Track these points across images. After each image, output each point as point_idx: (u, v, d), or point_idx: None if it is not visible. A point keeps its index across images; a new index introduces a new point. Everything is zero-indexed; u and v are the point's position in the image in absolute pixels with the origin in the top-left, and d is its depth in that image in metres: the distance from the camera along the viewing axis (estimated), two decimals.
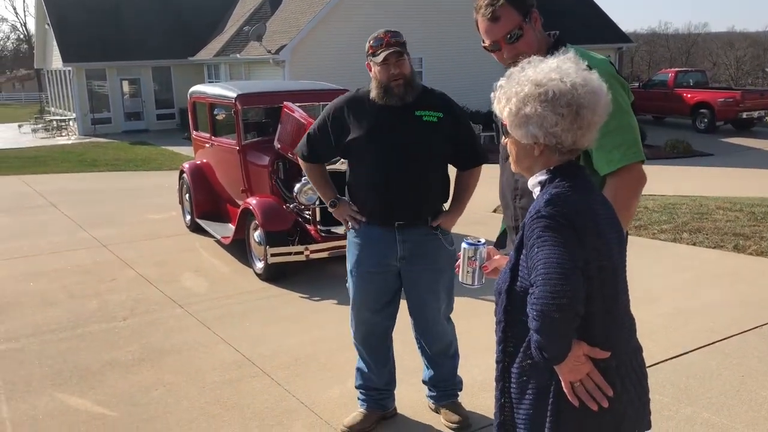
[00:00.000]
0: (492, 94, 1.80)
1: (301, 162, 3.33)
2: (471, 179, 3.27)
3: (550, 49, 2.14)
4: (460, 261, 2.10)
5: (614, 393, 1.71)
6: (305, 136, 3.25)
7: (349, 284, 3.23)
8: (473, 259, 2.06)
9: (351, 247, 3.20)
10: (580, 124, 1.69)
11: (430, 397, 3.43)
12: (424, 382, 3.43)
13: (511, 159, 1.87)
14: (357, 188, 3.16)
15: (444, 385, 3.37)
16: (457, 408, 3.35)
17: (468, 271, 2.08)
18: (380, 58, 2.89)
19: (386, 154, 3.00)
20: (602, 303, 1.71)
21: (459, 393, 3.42)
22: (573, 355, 1.65)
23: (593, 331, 1.70)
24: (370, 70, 3.00)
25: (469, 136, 3.20)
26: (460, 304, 4.73)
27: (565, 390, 1.70)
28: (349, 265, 3.21)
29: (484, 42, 2.25)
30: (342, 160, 3.60)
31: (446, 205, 3.26)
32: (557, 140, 1.71)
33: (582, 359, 1.68)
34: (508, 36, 2.18)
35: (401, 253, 3.09)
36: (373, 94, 3.02)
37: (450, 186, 3.27)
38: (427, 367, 3.38)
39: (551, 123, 1.69)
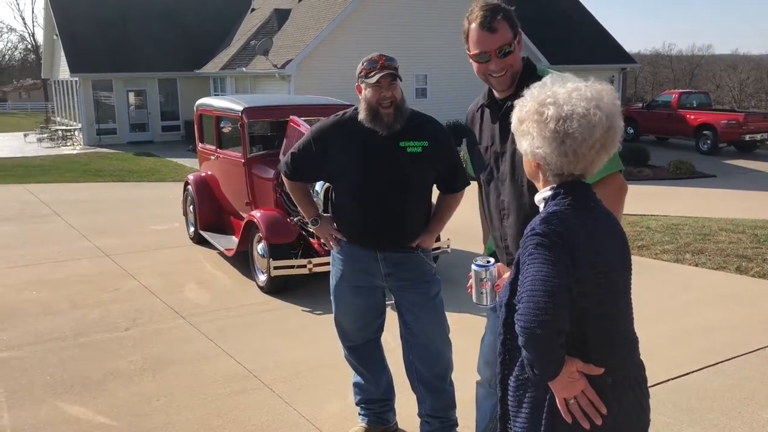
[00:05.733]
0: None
1: (284, 179, 3.28)
2: (453, 201, 3.21)
3: (524, 70, 2.30)
4: (472, 282, 2.11)
5: (610, 411, 1.71)
6: (289, 153, 3.19)
7: (333, 300, 3.21)
8: (485, 280, 2.08)
9: (335, 262, 3.19)
10: (565, 152, 1.70)
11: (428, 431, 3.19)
12: (420, 415, 3.22)
13: None
14: (339, 212, 3.13)
15: (445, 415, 3.16)
16: None
17: (481, 292, 2.10)
18: (374, 79, 2.84)
19: (368, 184, 2.96)
20: (598, 320, 1.72)
21: (458, 424, 3.21)
22: (567, 371, 1.66)
23: (588, 348, 1.71)
24: (360, 92, 2.95)
25: (453, 164, 3.11)
26: (467, 321, 4.75)
27: (559, 406, 1.71)
28: (333, 281, 3.19)
29: (470, 50, 2.29)
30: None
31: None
32: (545, 162, 1.75)
33: (576, 376, 1.69)
34: (500, 50, 2.24)
35: (385, 270, 3.04)
36: (361, 116, 2.95)
37: (431, 210, 3.21)
38: (423, 397, 3.17)
39: (537, 144, 1.73)
